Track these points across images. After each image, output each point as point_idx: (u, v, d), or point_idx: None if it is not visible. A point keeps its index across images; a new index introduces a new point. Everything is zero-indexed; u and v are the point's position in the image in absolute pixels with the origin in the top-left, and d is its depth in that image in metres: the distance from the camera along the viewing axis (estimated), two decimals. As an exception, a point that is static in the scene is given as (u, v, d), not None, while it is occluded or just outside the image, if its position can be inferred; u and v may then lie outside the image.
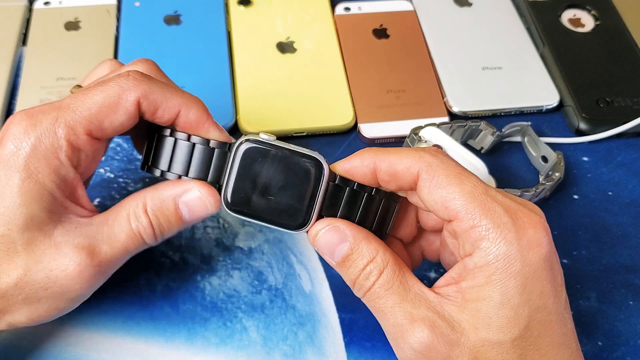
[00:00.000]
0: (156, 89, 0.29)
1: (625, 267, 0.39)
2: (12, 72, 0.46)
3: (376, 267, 0.28)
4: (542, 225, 0.26)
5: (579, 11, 0.52)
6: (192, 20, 0.49)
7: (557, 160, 0.40)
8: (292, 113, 0.44)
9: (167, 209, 0.30)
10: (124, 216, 0.29)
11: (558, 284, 0.26)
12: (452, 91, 0.46)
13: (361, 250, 0.28)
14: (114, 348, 0.34)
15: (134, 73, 0.29)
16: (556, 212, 0.41)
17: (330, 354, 0.35)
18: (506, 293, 0.25)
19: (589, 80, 0.47)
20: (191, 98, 0.30)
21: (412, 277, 0.28)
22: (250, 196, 0.29)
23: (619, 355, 0.35)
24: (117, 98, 0.28)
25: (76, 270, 0.28)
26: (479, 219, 0.26)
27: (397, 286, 0.27)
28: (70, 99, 0.28)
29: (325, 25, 0.50)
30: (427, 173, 0.27)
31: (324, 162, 0.28)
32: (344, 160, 0.29)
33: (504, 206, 0.26)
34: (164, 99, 0.29)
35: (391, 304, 0.27)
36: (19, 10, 0.49)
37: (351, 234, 0.28)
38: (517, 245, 0.25)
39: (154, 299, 0.36)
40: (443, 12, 0.51)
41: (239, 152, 0.28)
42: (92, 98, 0.28)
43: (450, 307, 0.26)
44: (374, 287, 0.27)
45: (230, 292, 0.37)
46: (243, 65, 0.46)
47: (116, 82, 0.28)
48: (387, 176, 0.28)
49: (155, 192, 0.30)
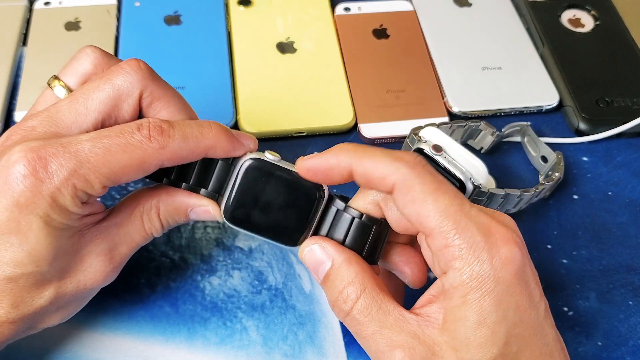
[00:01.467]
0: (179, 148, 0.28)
1: (625, 267, 0.39)
2: (12, 72, 0.46)
3: (354, 292, 0.27)
4: (514, 241, 0.26)
5: (578, 11, 0.52)
6: (192, 20, 0.49)
7: (556, 160, 0.40)
8: (292, 113, 0.44)
9: (179, 215, 0.31)
10: (137, 218, 0.30)
11: (535, 295, 0.26)
12: (452, 91, 0.46)
13: (340, 272, 0.28)
14: (114, 348, 0.34)
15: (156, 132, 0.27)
16: (556, 212, 0.41)
17: (330, 354, 0.35)
18: (482, 312, 0.25)
19: (589, 80, 0.47)
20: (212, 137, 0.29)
21: (391, 302, 0.27)
22: (249, 211, 0.29)
23: (618, 355, 0.35)
24: (140, 161, 0.27)
25: (102, 276, 0.30)
26: (452, 238, 0.25)
27: (375, 312, 0.27)
28: (89, 148, 0.26)
29: (325, 26, 0.50)
30: (402, 186, 0.26)
31: (324, 186, 0.29)
32: (319, 158, 0.29)
33: (478, 224, 0.26)
34: (189, 153, 0.28)
35: (371, 331, 0.27)
36: (19, 10, 0.49)
37: (334, 254, 0.29)
38: (489, 264, 0.25)
39: (154, 299, 0.36)
40: (443, 12, 0.51)
41: (242, 170, 0.29)
42: (114, 156, 0.26)
43: (431, 329, 0.26)
44: (352, 312, 0.27)
45: (230, 292, 0.37)
46: (243, 66, 0.47)
47: (139, 143, 0.27)
48: (362, 180, 0.28)
49: (168, 199, 0.31)
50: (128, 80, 0.29)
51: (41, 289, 0.28)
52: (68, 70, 0.31)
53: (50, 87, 0.31)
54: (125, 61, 0.30)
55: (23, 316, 0.28)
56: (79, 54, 0.31)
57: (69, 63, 0.31)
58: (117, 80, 0.29)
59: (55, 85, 0.31)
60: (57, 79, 0.31)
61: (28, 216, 0.26)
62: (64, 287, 0.29)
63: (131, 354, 0.34)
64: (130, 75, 0.29)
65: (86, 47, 0.32)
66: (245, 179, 0.29)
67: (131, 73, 0.29)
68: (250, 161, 0.29)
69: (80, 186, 0.26)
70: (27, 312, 0.28)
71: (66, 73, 0.31)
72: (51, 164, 0.26)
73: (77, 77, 0.31)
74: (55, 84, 0.31)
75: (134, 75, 0.29)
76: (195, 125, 0.28)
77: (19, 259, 0.26)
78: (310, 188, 0.29)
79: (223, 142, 0.29)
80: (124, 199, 0.31)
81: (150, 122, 0.27)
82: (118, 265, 0.30)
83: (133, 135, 0.27)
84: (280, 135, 0.43)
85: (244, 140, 0.30)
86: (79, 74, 0.31)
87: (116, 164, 0.26)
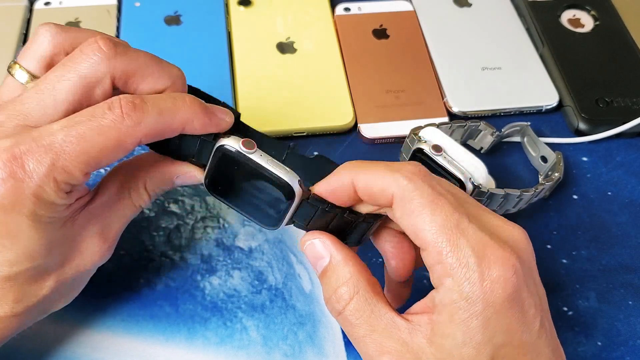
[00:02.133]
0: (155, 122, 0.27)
1: (624, 267, 0.39)
2: (12, 72, 0.46)
3: (347, 292, 0.27)
4: (510, 263, 0.25)
5: (578, 11, 0.52)
6: (192, 20, 0.49)
7: (556, 160, 0.40)
8: (292, 113, 0.44)
9: (165, 184, 0.31)
10: (125, 193, 0.30)
11: (529, 316, 0.25)
12: (452, 91, 0.46)
13: (336, 270, 0.28)
14: (114, 347, 0.34)
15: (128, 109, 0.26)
16: (556, 212, 0.41)
17: (330, 354, 0.35)
18: (468, 332, 0.25)
19: (589, 80, 0.47)
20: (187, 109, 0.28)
21: (384, 306, 0.27)
22: (227, 189, 0.29)
23: (618, 355, 0.35)
24: (116, 141, 0.26)
25: (99, 255, 0.30)
26: (445, 256, 0.25)
27: (367, 315, 0.27)
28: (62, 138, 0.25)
29: (325, 26, 0.50)
30: (400, 199, 0.26)
31: (295, 187, 0.28)
32: (325, 182, 0.29)
33: (473, 243, 0.25)
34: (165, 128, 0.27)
35: (362, 333, 0.27)
36: (20, 10, 0.49)
37: (333, 251, 0.28)
38: (480, 286, 0.25)
39: (154, 299, 0.36)
40: (443, 12, 0.51)
41: (215, 152, 0.29)
42: (89, 142, 0.26)
43: (421, 339, 0.26)
44: (344, 312, 0.27)
45: (230, 291, 0.37)
46: (243, 66, 0.47)
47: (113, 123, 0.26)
48: (364, 195, 0.28)
49: (154, 171, 0.31)
50: (93, 66, 0.27)
51: (41, 281, 0.28)
52: (27, 54, 0.29)
53: (11, 73, 0.29)
54: (88, 44, 0.28)
55: (27, 308, 0.28)
56: (35, 35, 0.29)
57: (26, 45, 0.29)
58: (82, 67, 0.27)
59: (15, 70, 0.29)
60: (16, 64, 0.29)
61: (15, 218, 0.25)
62: (64, 274, 0.29)
63: (131, 354, 0.34)
64: (94, 59, 0.27)
65: (40, 25, 0.29)
66: (219, 163, 0.29)
67: (95, 58, 0.27)
68: (224, 148, 0.28)
69: (61, 178, 0.26)
70: (30, 304, 0.28)
71: (25, 56, 0.29)
72: (28, 162, 0.25)
73: (36, 61, 0.29)
74: (15, 69, 0.29)
75: (98, 59, 0.27)
76: (169, 98, 0.28)
77: (13, 259, 0.26)
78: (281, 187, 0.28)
79: (199, 115, 0.28)
80: (108, 175, 0.31)
81: (122, 100, 0.26)
82: (112, 242, 0.30)
83: (105, 116, 0.26)
84: (280, 135, 0.43)
85: (219, 114, 0.29)
86: (38, 57, 0.29)
87: (93, 150, 0.26)
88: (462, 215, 0.26)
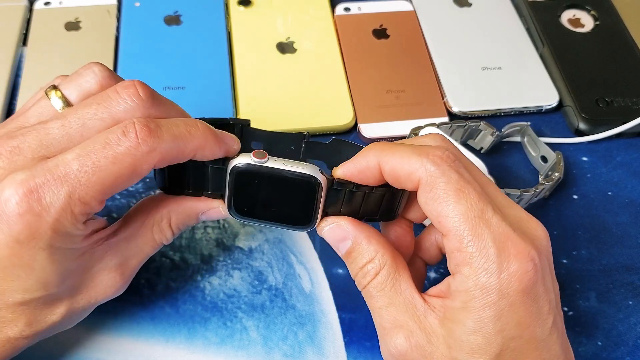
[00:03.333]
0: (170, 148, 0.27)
1: (624, 267, 0.39)
2: (12, 72, 0.46)
3: (373, 268, 0.28)
4: (530, 256, 0.25)
5: (578, 11, 0.52)
6: (192, 20, 0.49)
7: (556, 160, 0.40)
8: (292, 113, 0.44)
9: (190, 221, 0.31)
10: (148, 229, 0.30)
11: (543, 312, 0.26)
12: (452, 91, 0.46)
13: (361, 250, 0.29)
14: (114, 348, 0.34)
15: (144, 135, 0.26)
16: (556, 212, 0.41)
17: (330, 354, 0.35)
18: (479, 321, 0.25)
19: (589, 80, 0.47)
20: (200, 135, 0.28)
21: (406, 281, 0.28)
22: (252, 207, 0.29)
23: (618, 355, 0.35)
24: (131, 168, 0.26)
25: (113, 290, 0.30)
26: (466, 245, 0.25)
27: (388, 289, 0.28)
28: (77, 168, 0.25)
29: (325, 26, 0.50)
30: (426, 183, 0.26)
31: (318, 177, 0.28)
32: (351, 163, 0.29)
33: (495, 234, 0.25)
34: (179, 154, 0.27)
35: (380, 304, 0.28)
36: (20, 10, 0.49)
37: (353, 232, 0.29)
38: (497, 277, 0.25)
39: (154, 299, 0.36)
40: (443, 12, 0.51)
41: (232, 175, 0.29)
42: (104, 171, 0.25)
43: (433, 319, 0.27)
44: (368, 286, 0.28)
45: (231, 292, 0.37)
46: (243, 66, 0.47)
47: (128, 150, 0.25)
48: (390, 178, 0.28)
49: (179, 208, 0.31)
50: (129, 111, 0.27)
51: (53, 307, 0.28)
52: (70, 84, 0.29)
53: (47, 96, 0.29)
54: (125, 87, 0.28)
55: (37, 332, 0.28)
56: (86, 71, 0.30)
57: (73, 76, 0.30)
58: (117, 110, 0.27)
59: (52, 95, 0.29)
60: (56, 89, 0.29)
61: (31, 251, 0.25)
62: (76, 303, 0.29)
63: (132, 355, 0.34)
64: (130, 105, 0.27)
65: (94, 64, 0.30)
66: (237, 183, 0.29)
67: (131, 103, 0.27)
68: (237, 167, 0.28)
69: (78, 210, 0.25)
70: (40, 329, 0.28)
71: (68, 86, 0.29)
72: (44, 196, 0.25)
73: (78, 94, 0.29)
74: (52, 94, 0.29)
75: (135, 106, 0.27)
76: (183, 124, 0.27)
77: (27, 287, 0.26)
78: (304, 183, 0.28)
79: (211, 142, 0.28)
80: (132, 210, 0.31)
81: (136, 124, 0.26)
82: (128, 278, 0.30)
83: (120, 143, 0.25)
84: (280, 136, 0.43)
85: (228, 140, 0.29)
86: (82, 91, 0.29)
87: (109, 179, 0.25)
88: (487, 204, 0.26)
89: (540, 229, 0.27)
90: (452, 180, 0.26)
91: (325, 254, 0.38)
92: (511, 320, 0.25)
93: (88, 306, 0.29)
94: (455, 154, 0.27)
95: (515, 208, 0.28)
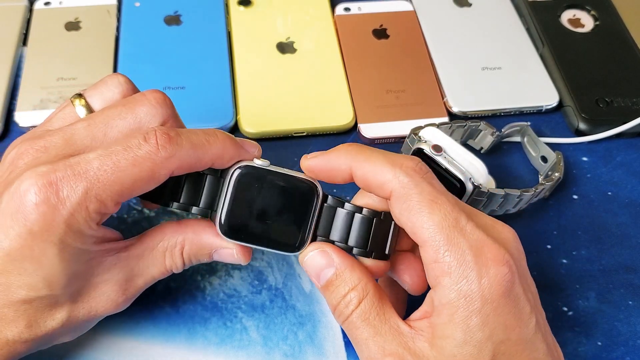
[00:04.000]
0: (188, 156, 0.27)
1: (624, 267, 0.39)
2: (12, 72, 0.46)
3: (356, 296, 0.28)
4: (505, 260, 0.25)
5: (578, 11, 0.52)
6: (192, 20, 0.49)
7: (556, 160, 0.40)
8: (292, 113, 0.44)
9: (202, 255, 0.31)
10: (160, 253, 0.30)
11: (525, 313, 0.26)
12: (452, 91, 0.46)
13: (344, 277, 0.28)
14: (114, 348, 0.34)
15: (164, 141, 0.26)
16: (556, 212, 0.41)
17: (330, 354, 0.35)
18: (468, 331, 0.25)
19: (589, 80, 0.47)
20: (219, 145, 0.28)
21: (390, 310, 0.28)
22: (246, 222, 0.29)
23: (618, 355, 0.36)
24: (150, 172, 0.26)
25: (113, 305, 0.30)
26: (443, 255, 0.25)
27: (373, 318, 0.27)
28: (97, 166, 0.26)
29: (325, 26, 0.50)
30: (399, 195, 0.26)
31: (317, 184, 0.29)
32: (322, 158, 0.29)
33: (470, 241, 0.25)
34: (197, 162, 0.28)
35: (366, 336, 0.27)
36: (20, 10, 0.49)
37: (338, 260, 0.29)
38: (477, 284, 0.25)
39: (154, 299, 0.36)
40: (443, 12, 0.51)
41: (232, 179, 0.29)
42: (124, 172, 0.26)
43: (422, 343, 0.26)
44: (351, 316, 0.28)
45: (231, 292, 0.37)
46: (243, 66, 0.47)
47: (148, 154, 0.26)
48: (361, 184, 0.28)
49: (195, 238, 0.30)
50: (151, 112, 0.29)
51: (54, 311, 0.28)
52: (95, 93, 0.31)
53: (72, 104, 0.30)
54: (150, 92, 0.29)
55: (36, 337, 0.28)
56: (111, 80, 0.31)
57: (97, 85, 0.31)
58: (141, 111, 0.29)
59: (77, 103, 0.30)
60: (80, 97, 0.30)
61: (42, 244, 0.25)
62: (76, 311, 0.29)
63: (132, 355, 0.34)
64: (154, 107, 0.29)
65: (119, 75, 0.31)
66: (237, 188, 0.29)
67: (155, 106, 0.29)
68: (240, 169, 0.29)
69: (93, 208, 0.26)
70: (39, 333, 0.28)
71: (92, 95, 0.31)
72: (63, 189, 0.25)
73: (102, 103, 0.30)
74: (77, 102, 0.30)
75: (158, 108, 0.29)
76: (202, 133, 0.28)
77: (33, 283, 0.26)
78: (304, 188, 0.29)
79: (230, 150, 0.29)
80: (148, 231, 0.31)
81: (157, 131, 0.27)
82: (131, 297, 0.30)
83: (140, 147, 0.26)
84: (280, 135, 0.43)
85: (248, 147, 0.30)
86: (105, 100, 0.30)
87: (127, 180, 0.26)
88: (460, 213, 0.26)
89: (507, 230, 0.27)
90: (425, 191, 0.26)
91: (325, 254, 0.38)
92: (498, 325, 0.25)
93: (88, 317, 0.29)
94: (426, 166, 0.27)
95: (482, 215, 0.28)
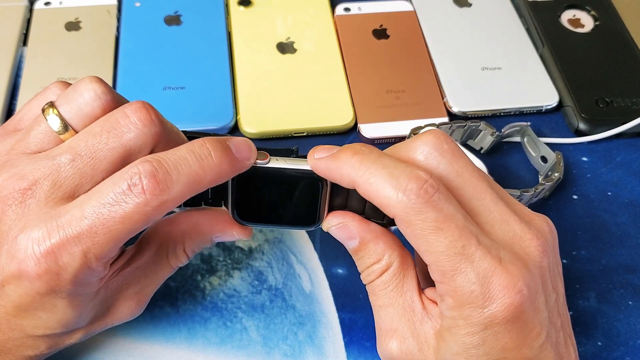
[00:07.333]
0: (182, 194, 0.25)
1: (624, 267, 0.39)
2: (12, 73, 0.46)
3: (379, 268, 0.28)
4: (517, 289, 0.24)
5: (578, 11, 0.52)
6: (192, 20, 0.49)
7: (556, 160, 0.40)
8: (292, 113, 0.44)
9: (205, 244, 0.31)
10: (163, 257, 0.30)
11: (533, 333, 0.25)
12: (452, 91, 0.46)
13: (368, 250, 0.28)
14: (114, 348, 0.34)
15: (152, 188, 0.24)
16: (555, 212, 0.41)
17: (330, 354, 0.35)
18: (463, 346, 0.25)
19: (589, 80, 0.47)
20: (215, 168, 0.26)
21: (410, 283, 0.28)
22: (257, 211, 0.29)
23: (618, 355, 0.36)
24: (144, 221, 0.25)
25: (128, 315, 0.30)
26: (448, 280, 0.25)
27: (391, 289, 0.28)
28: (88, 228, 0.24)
29: (325, 26, 0.50)
30: (402, 220, 0.25)
31: None
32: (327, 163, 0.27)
33: (478, 270, 0.24)
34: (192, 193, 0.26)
35: (380, 303, 0.28)
36: (20, 10, 0.49)
37: (360, 233, 0.28)
38: (480, 312, 0.24)
39: (154, 299, 0.36)
40: (443, 12, 0.51)
41: (233, 183, 0.28)
42: (115, 229, 0.24)
43: (429, 329, 0.27)
44: (372, 283, 0.28)
45: (231, 292, 0.37)
46: (243, 66, 0.47)
47: (137, 207, 0.24)
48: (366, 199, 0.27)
49: (192, 232, 0.30)
50: (140, 138, 0.26)
51: (72, 335, 0.29)
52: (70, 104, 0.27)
53: (44, 115, 0.27)
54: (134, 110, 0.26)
55: (55, 351, 0.30)
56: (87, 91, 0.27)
57: (71, 95, 0.27)
58: (129, 138, 0.26)
59: (49, 114, 0.27)
60: (53, 107, 0.27)
61: (52, 300, 0.26)
62: (93, 328, 0.30)
63: (132, 354, 0.34)
64: (142, 131, 0.26)
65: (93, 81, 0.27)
66: (240, 188, 0.28)
67: (143, 129, 0.26)
68: None
69: (94, 265, 0.25)
70: (58, 349, 0.30)
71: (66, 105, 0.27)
72: (62, 257, 0.24)
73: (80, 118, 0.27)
74: (50, 113, 0.27)
75: (146, 130, 0.26)
76: (195, 160, 0.25)
77: (48, 325, 0.27)
78: (309, 180, 0.28)
79: (226, 171, 0.27)
80: (145, 235, 0.30)
81: (142, 177, 0.24)
82: (144, 303, 0.31)
83: (127, 199, 0.24)
84: (280, 136, 0.43)
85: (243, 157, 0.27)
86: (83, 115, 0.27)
87: (121, 235, 0.25)
88: (469, 239, 0.25)
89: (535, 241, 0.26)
90: (430, 218, 0.24)
91: (325, 254, 0.38)
92: (495, 346, 0.25)
93: (104, 328, 0.30)
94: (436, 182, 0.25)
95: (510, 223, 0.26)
